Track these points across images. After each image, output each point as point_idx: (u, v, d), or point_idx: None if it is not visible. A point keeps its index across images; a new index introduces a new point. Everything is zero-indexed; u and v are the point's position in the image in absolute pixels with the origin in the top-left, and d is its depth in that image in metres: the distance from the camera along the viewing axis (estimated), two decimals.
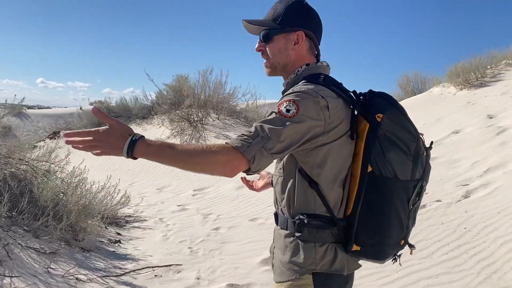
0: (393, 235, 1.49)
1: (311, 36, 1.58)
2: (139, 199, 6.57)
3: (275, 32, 1.56)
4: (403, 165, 1.46)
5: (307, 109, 1.39)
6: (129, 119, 12.74)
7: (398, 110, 1.47)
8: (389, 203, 1.46)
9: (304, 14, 1.57)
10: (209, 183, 7.44)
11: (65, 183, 4.96)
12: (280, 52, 1.57)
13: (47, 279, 3.77)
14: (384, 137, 1.43)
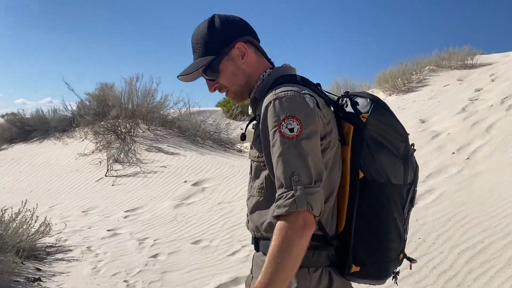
0: (394, 249, 1.35)
1: (250, 40, 1.42)
2: (62, 224, 5.78)
3: (217, 63, 1.38)
4: (395, 168, 1.33)
5: (306, 114, 1.23)
6: (47, 133, 11.58)
7: (384, 109, 1.35)
8: (387, 212, 1.32)
9: (227, 25, 1.40)
10: (143, 202, 6.80)
11: None
12: (235, 75, 1.41)
13: None
14: (371, 138, 1.31)
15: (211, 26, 1.39)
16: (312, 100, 1.26)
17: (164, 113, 11.10)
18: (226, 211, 5.88)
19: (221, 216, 5.72)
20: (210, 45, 1.39)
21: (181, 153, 8.88)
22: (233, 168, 7.87)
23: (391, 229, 1.34)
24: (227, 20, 1.41)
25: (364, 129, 1.31)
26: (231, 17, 1.43)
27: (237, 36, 1.39)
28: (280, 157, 1.20)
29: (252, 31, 1.45)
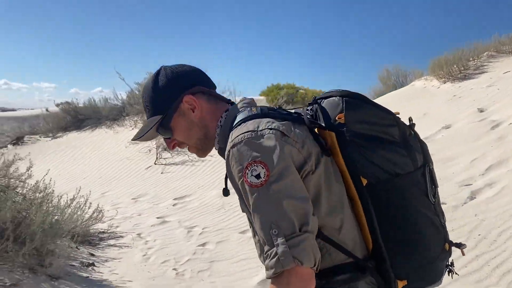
0: (433, 243, 1.22)
1: (200, 90, 1.31)
2: (114, 211, 5.94)
3: (167, 121, 1.29)
4: (398, 157, 1.20)
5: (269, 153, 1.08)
6: (98, 121, 11.97)
7: (356, 100, 1.21)
8: (408, 207, 1.19)
9: (173, 79, 1.30)
10: (191, 190, 6.87)
11: (27, 200, 4.31)
12: (189, 129, 1.31)
13: None
14: (359, 136, 1.18)
15: (156, 83, 1.30)
16: (272, 133, 1.12)
17: None
18: None
19: None
20: (157, 103, 1.30)
21: None
22: None
23: (421, 224, 1.20)
24: (172, 73, 1.31)
25: (346, 131, 1.19)
26: (178, 68, 1.32)
27: (184, 89, 1.29)
28: (255, 210, 1.07)
29: (202, 79, 1.34)
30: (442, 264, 1.26)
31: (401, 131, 1.23)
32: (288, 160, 1.09)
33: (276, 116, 1.20)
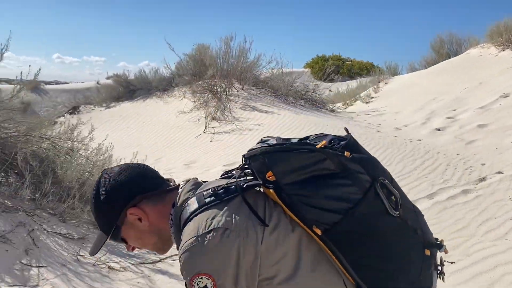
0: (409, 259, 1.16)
1: (141, 198, 1.27)
2: (168, 176, 6.18)
3: (116, 235, 1.30)
4: (342, 190, 1.14)
5: (218, 263, 1.10)
6: (149, 92, 12.32)
7: (278, 153, 1.18)
8: (372, 238, 1.14)
9: (113, 195, 1.27)
10: (239, 157, 7.00)
11: (90, 162, 4.58)
12: (141, 237, 1.30)
13: (77, 269, 3.43)
14: (293, 186, 1.15)
15: (97, 198, 1.28)
16: (213, 236, 1.11)
17: (256, 73, 11.18)
18: None
19: None
20: (102, 221, 1.31)
21: (275, 112, 8.94)
22: (327, 127, 7.76)
23: (389, 246, 1.15)
24: (112, 187, 1.27)
25: (279, 187, 1.17)
26: (118, 178, 1.29)
27: (126, 202, 1.27)
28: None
29: (143, 183, 1.30)
30: (429, 271, 1.20)
31: (334, 161, 1.16)
32: (230, 259, 1.11)
33: (216, 202, 1.18)
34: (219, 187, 1.22)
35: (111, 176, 1.29)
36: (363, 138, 6.96)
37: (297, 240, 1.17)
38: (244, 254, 1.11)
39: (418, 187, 4.80)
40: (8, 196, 3.74)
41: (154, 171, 1.37)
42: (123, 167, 1.34)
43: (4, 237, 3.32)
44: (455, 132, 6.92)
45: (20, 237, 3.44)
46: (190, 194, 1.25)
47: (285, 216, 1.19)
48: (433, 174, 5.16)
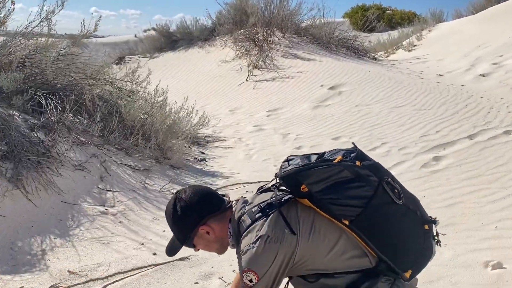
0: (416, 234, 1.54)
1: (209, 218, 1.63)
2: (215, 120, 6.55)
3: (189, 243, 1.67)
4: (358, 190, 1.50)
5: (262, 264, 1.49)
6: (191, 42, 12.57)
7: (306, 171, 1.53)
8: (385, 221, 1.51)
9: (188, 214, 1.62)
10: (282, 104, 7.27)
11: (148, 103, 4.97)
12: (208, 245, 1.69)
13: (145, 194, 3.88)
14: (322, 192, 1.51)
15: (174, 218, 1.64)
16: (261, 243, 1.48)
17: (297, 21, 11.16)
18: (364, 112, 6.04)
19: (359, 117, 5.91)
20: (177, 234, 1.68)
21: (317, 59, 9.04)
22: (369, 74, 7.84)
23: (402, 227, 1.52)
24: (187, 206, 1.61)
25: (312, 195, 1.52)
26: (192, 200, 1.62)
27: (199, 221, 1.62)
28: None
29: (210, 206, 1.64)
30: (429, 241, 1.56)
31: (350, 170, 1.51)
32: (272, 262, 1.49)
33: (262, 217, 1.54)
34: (263, 203, 1.60)
35: (185, 199, 1.65)
36: (405, 84, 7.03)
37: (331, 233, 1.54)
38: (282, 255, 1.50)
39: (459, 128, 4.94)
40: (81, 131, 4.19)
41: (215, 193, 1.73)
42: (193, 191, 1.69)
43: (81, 165, 3.79)
44: (501, 77, 6.86)
45: (95, 166, 3.90)
46: (242, 212, 1.63)
47: (318, 216, 1.55)
48: (475, 117, 5.26)
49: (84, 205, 3.44)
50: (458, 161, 4.20)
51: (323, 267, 1.54)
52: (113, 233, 3.17)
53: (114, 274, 2.64)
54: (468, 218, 3.28)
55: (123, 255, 2.88)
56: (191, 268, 2.81)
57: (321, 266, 1.54)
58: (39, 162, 3.42)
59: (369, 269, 1.54)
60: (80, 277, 2.55)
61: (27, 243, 2.84)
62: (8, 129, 3.34)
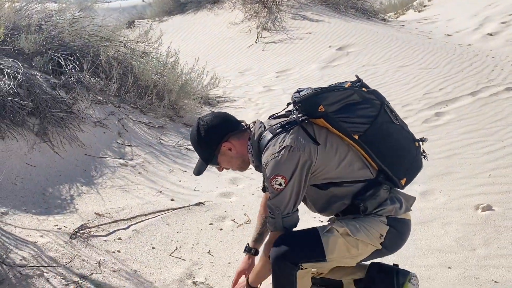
0: (409, 148, 1.84)
1: (230, 135, 1.87)
2: (225, 81, 6.73)
3: (214, 161, 1.93)
4: (365, 110, 1.78)
5: (288, 168, 1.72)
6: (200, 5, 12.55)
7: (323, 94, 1.77)
8: (387, 135, 1.79)
9: (212, 134, 1.87)
10: (291, 65, 7.40)
11: (161, 63, 5.16)
12: (230, 162, 1.94)
13: (161, 149, 4.14)
14: (337, 112, 1.76)
15: (200, 136, 1.88)
16: (285, 152, 1.72)
17: None
18: (371, 72, 6.17)
19: (366, 76, 6.04)
20: (204, 153, 1.93)
21: (325, 20, 9.06)
22: (378, 35, 7.88)
23: (399, 141, 1.82)
24: (209, 127, 1.87)
25: (327, 116, 1.76)
26: (213, 121, 1.88)
27: (220, 139, 1.87)
28: (273, 198, 1.78)
29: (231, 125, 1.90)
30: (419, 156, 1.87)
31: (359, 94, 1.79)
32: (296, 167, 1.72)
33: (280, 130, 1.79)
34: (283, 122, 1.83)
35: (207, 122, 1.90)
36: (412, 43, 7.10)
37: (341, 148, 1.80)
38: (304, 161, 1.73)
39: (462, 86, 5.08)
40: (99, 91, 4.42)
41: (233, 116, 1.98)
42: (213, 115, 1.94)
43: (101, 122, 4.04)
44: (508, 36, 6.90)
45: (113, 123, 4.15)
46: (261, 130, 1.87)
47: (331, 134, 1.79)
48: (478, 75, 5.37)
49: (105, 158, 3.71)
50: (459, 117, 4.38)
51: (334, 176, 1.80)
52: (133, 182, 3.45)
53: (136, 216, 2.91)
54: (464, 167, 3.50)
55: (144, 200, 3.15)
56: (206, 212, 3.08)
57: (332, 175, 1.79)
58: (62, 118, 3.67)
59: (371, 179, 1.82)
60: (106, 218, 2.83)
61: (56, 190, 3.13)
62: (33, 87, 3.57)
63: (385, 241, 1.78)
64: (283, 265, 1.75)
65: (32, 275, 2.17)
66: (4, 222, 2.56)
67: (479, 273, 2.35)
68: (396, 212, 1.81)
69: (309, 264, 1.76)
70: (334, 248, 1.74)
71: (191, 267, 2.47)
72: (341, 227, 1.77)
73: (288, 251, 1.74)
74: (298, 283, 1.77)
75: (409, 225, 1.89)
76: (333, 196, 1.83)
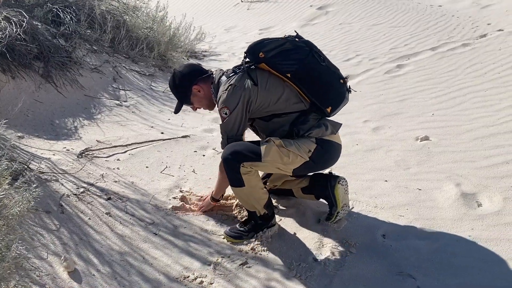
0: (334, 82, 2.29)
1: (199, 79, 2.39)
2: (211, 38, 7.16)
3: (187, 101, 2.47)
4: (296, 55, 2.22)
5: (232, 101, 2.22)
6: None
7: (262, 43, 2.24)
8: (315, 72, 2.24)
9: (184, 80, 2.40)
10: (273, 23, 7.81)
11: (150, 17, 5.57)
12: (201, 102, 2.46)
13: (151, 93, 4.64)
14: (274, 57, 2.22)
15: (175, 82, 2.43)
16: (230, 89, 2.21)
17: None
18: (346, 30, 6.65)
19: (341, 33, 6.52)
20: (179, 95, 2.47)
21: None
22: None
23: (326, 78, 2.26)
24: (182, 76, 2.39)
25: (268, 60, 2.23)
26: (185, 70, 2.41)
27: (191, 83, 2.38)
28: (221, 125, 2.30)
29: (199, 72, 2.41)
30: (343, 90, 2.31)
31: (291, 43, 2.22)
32: (237, 101, 2.20)
33: (233, 75, 2.26)
34: (235, 68, 2.33)
35: (180, 70, 2.44)
36: (387, 4, 7.55)
37: (279, 87, 2.28)
38: (245, 98, 2.22)
39: (425, 42, 5.60)
40: (94, 41, 4.86)
41: (200, 66, 2.52)
42: (184, 65, 2.48)
43: (97, 69, 4.50)
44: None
45: (108, 70, 4.62)
46: (220, 74, 2.38)
47: (271, 76, 2.27)
48: (442, 32, 5.89)
49: (103, 99, 4.21)
50: (417, 68, 4.93)
51: (275, 109, 2.29)
52: (128, 119, 3.97)
53: (132, 143, 3.44)
54: (413, 109, 4.08)
55: (138, 132, 3.69)
56: (191, 142, 3.62)
57: (274, 109, 2.29)
58: (64, 63, 4.13)
59: (304, 110, 2.32)
60: (106, 144, 3.36)
61: (62, 122, 3.64)
62: (37, 35, 4.01)
63: (313, 155, 2.29)
64: (229, 163, 2.25)
65: (50, 180, 2.71)
66: (21, 143, 3.09)
67: (409, 184, 2.94)
68: (323, 134, 2.30)
69: (248, 163, 2.23)
70: (268, 153, 2.23)
71: (178, 181, 3.02)
72: (277, 139, 2.28)
73: (233, 152, 2.25)
74: (244, 178, 2.25)
75: (335, 146, 2.38)
76: (276, 125, 2.32)
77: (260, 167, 2.27)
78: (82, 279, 2.03)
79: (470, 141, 3.43)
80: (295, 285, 2.08)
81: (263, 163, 2.22)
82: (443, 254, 2.22)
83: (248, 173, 2.25)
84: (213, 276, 2.14)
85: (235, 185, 2.30)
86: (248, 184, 2.26)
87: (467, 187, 2.79)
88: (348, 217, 2.55)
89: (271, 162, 2.23)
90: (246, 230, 2.39)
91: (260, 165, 2.24)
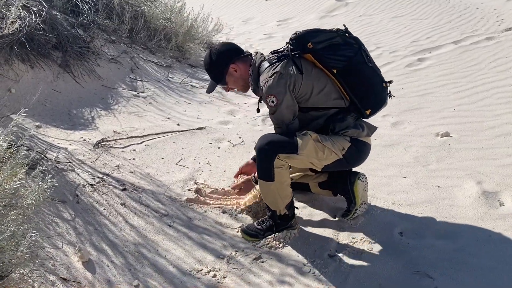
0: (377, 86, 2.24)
1: (236, 59, 2.30)
2: (229, 29, 7.11)
3: (222, 81, 2.37)
4: (345, 51, 2.16)
5: (279, 89, 2.14)
6: None
7: (312, 33, 2.16)
8: (360, 72, 2.19)
9: (221, 58, 2.30)
10: (292, 14, 7.73)
11: (168, 9, 5.55)
12: (236, 82, 2.35)
13: (168, 84, 4.63)
14: (322, 50, 2.14)
15: (212, 60, 2.32)
16: (276, 77, 2.12)
17: None
18: (366, 22, 6.53)
19: (361, 25, 6.41)
20: (214, 74, 2.37)
21: None
22: None
23: (370, 79, 2.21)
24: (220, 53, 2.30)
25: (315, 51, 2.14)
26: (223, 48, 2.32)
27: (228, 62, 2.29)
28: (272, 115, 2.24)
29: (237, 51, 2.32)
30: (385, 94, 2.26)
31: (341, 38, 2.17)
32: (285, 89, 2.13)
33: (277, 61, 2.17)
34: (279, 54, 2.23)
35: (217, 48, 2.34)
36: None
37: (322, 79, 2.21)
38: (290, 85, 2.15)
39: (448, 35, 5.46)
40: (112, 31, 4.86)
41: (238, 45, 2.41)
42: (222, 43, 2.40)
43: (115, 59, 4.51)
44: None
45: (126, 60, 4.62)
46: (261, 59, 2.30)
47: (315, 68, 2.19)
48: (465, 25, 5.73)
49: (120, 89, 4.21)
50: (439, 62, 4.81)
51: (314, 102, 2.22)
52: (144, 110, 3.97)
53: (148, 134, 3.45)
54: (434, 103, 3.98)
55: (154, 124, 3.68)
56: (206, 134, 3.61)
57: (313, 101, 2.22)
58: (82, 53, 4.15)
59: (343, 108, 2.26)
60: (122, 135, 3.37)
61: (79, 112, 3.66)
62: (56, 24, 4.03)
63: (346, 154, 2.24)
64: (265, 153, 2.20)
65: (66, 169, 2.72)
66: (39, 133, 3.11)
67: (428, 181, 2.88)
68: (358, 135, 2.26)
69: (284, 155, 2.19)
70: (305, 146, 2.18)
71: (193, 173, 3.01)
72: (314, 133, 2.22)
73: (270, 142, 2.20)
74: (275, 172, 2.21)
75: (368, 147, 2.33)
76: (311, 117, 2.27)
77: (295, 160, 2.21)
78: (96, 270, 2.03)
79: (492, 138, 3.33)
80: (309, 281, 2.05)
81: (299, 156, 2.17)
82: (462, 254, 2.16)
83: (281, 167, 2.20)
84: (226, 270, 2.12)
85: (264, 178, 2.24)
86: (277, 179, 2.21)
87: (489, 185, 2.71)
88: (365, 213, 2.51)
89: (307, 155, 2.19)
90: (263, 229, 2.35)
91: (296, 157, 2.19)
